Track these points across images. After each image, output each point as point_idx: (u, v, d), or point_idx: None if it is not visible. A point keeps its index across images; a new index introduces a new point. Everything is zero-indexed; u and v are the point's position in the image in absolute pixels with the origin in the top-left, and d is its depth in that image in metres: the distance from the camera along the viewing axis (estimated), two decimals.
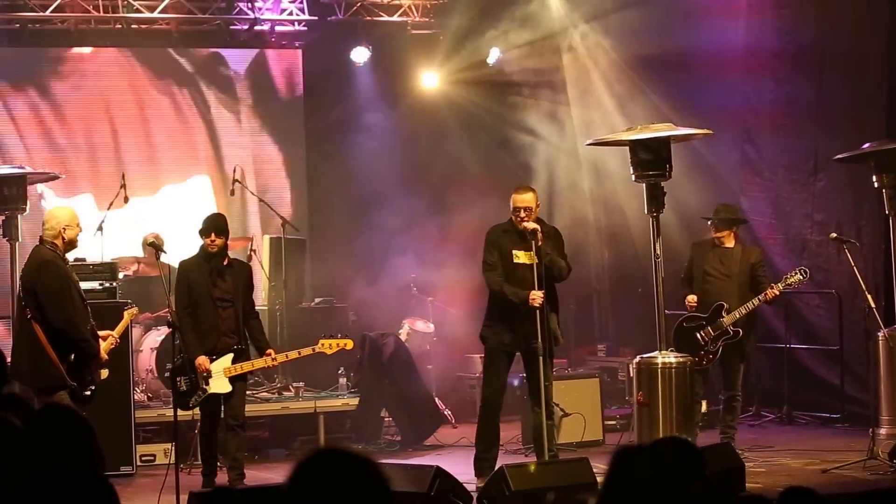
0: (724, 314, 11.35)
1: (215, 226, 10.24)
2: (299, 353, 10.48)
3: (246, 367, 10.13)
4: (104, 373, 9.54)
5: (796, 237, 13.98)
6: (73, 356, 9.27)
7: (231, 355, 10.06)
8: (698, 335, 11.38)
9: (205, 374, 9.90)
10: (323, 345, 10.43)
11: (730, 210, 11.88)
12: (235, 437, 10.12)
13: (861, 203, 13.34)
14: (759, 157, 14.39)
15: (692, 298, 11.46)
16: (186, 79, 15.57)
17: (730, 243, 11.64)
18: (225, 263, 10.29)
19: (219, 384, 9.94)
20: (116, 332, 9.73)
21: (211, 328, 10.06)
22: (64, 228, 9.44)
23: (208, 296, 10.03)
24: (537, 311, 9.87)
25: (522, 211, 10.09)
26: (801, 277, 11.46)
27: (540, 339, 9.90)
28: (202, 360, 9.92)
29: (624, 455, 3.85)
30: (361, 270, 14.65)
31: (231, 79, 15.74)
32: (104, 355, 9.47)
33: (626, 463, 3.82)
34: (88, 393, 9.27)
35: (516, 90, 16.11)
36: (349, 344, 10.56)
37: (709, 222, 11.75)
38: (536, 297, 9.87)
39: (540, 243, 9.96)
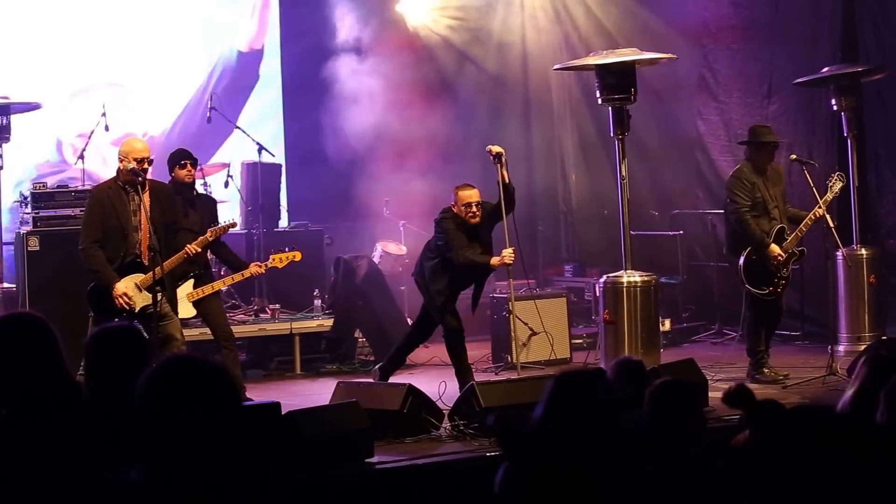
0: (785, 236, 10.53)
1: (191, 157, 10.12)
2: (252, 273, 10.13)
3: (207, 290, 9.75)
4: (144, 299, 8.88)
5: None
6: (91, 284, 8.98)
7: (192, 281, 9.71)
8: (770, 265, 10.50)
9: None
10: (274, 259, 10.18)
11: (772, 132, 10.91)
12: (229, 353, 9.78)
13: (813, 126, 12.99)
14: (716, 82, 13.99)
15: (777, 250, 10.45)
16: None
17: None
18: (195, 195, 10.18)
19: (184, 310, 9.56)
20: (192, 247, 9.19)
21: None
22: (121, 160, 9.03)
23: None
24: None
25: (474, 206, 9.80)
26: (843, 183, 10.81)
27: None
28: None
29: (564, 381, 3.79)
30: (335, 195, 14.19)
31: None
32: (118, 289, 8.81)
33: (563, 389, 3.77)
34: (117, 320, 8.55)
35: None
36: (297, 255, 10.27)
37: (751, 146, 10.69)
38: (507, 253, 9.81)
39: (504, 160, 9.80)
